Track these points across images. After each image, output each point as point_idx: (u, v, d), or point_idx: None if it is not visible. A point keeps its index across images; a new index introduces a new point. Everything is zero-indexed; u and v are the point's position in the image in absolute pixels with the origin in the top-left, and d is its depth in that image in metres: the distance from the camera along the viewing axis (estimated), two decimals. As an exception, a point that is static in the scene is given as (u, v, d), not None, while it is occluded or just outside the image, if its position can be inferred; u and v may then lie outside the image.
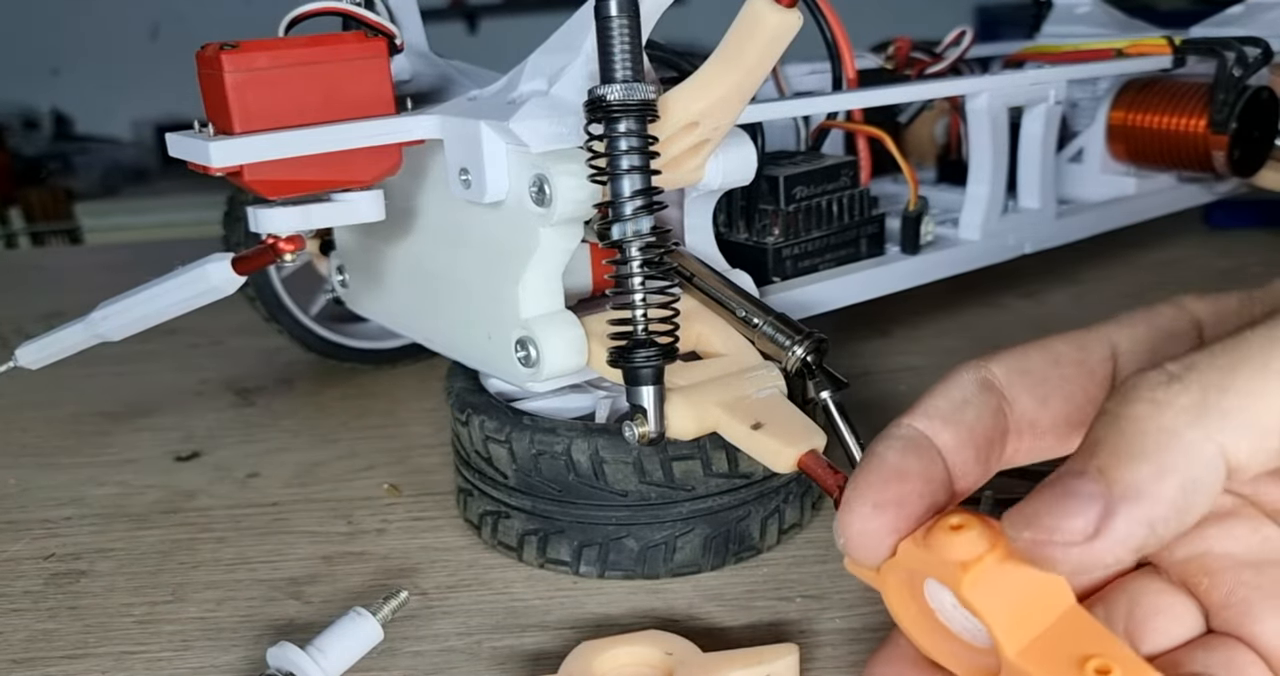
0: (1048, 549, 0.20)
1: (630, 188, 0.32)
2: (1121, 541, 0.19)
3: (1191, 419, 0.20)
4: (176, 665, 0.34)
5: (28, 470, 0.49)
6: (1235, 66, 0.56)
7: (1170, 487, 0.20)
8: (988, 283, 0.60)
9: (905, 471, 0.23)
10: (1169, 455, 0.20)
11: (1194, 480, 0.20)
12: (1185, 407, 0.20)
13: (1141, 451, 0.20)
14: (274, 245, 0.38)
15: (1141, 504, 0.19)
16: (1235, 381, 0.20)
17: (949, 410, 0.24)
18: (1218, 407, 0.20)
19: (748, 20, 0.32)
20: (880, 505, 0.23)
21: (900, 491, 0.23)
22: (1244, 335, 0.20)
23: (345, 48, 0.36)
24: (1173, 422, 0.20)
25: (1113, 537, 0.19)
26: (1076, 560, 0.20)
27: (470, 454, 0.39)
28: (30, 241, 2.28)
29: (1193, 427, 0.20)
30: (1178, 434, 0.20)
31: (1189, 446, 0.20)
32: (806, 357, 0.36)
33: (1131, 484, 0.20)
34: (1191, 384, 0.20)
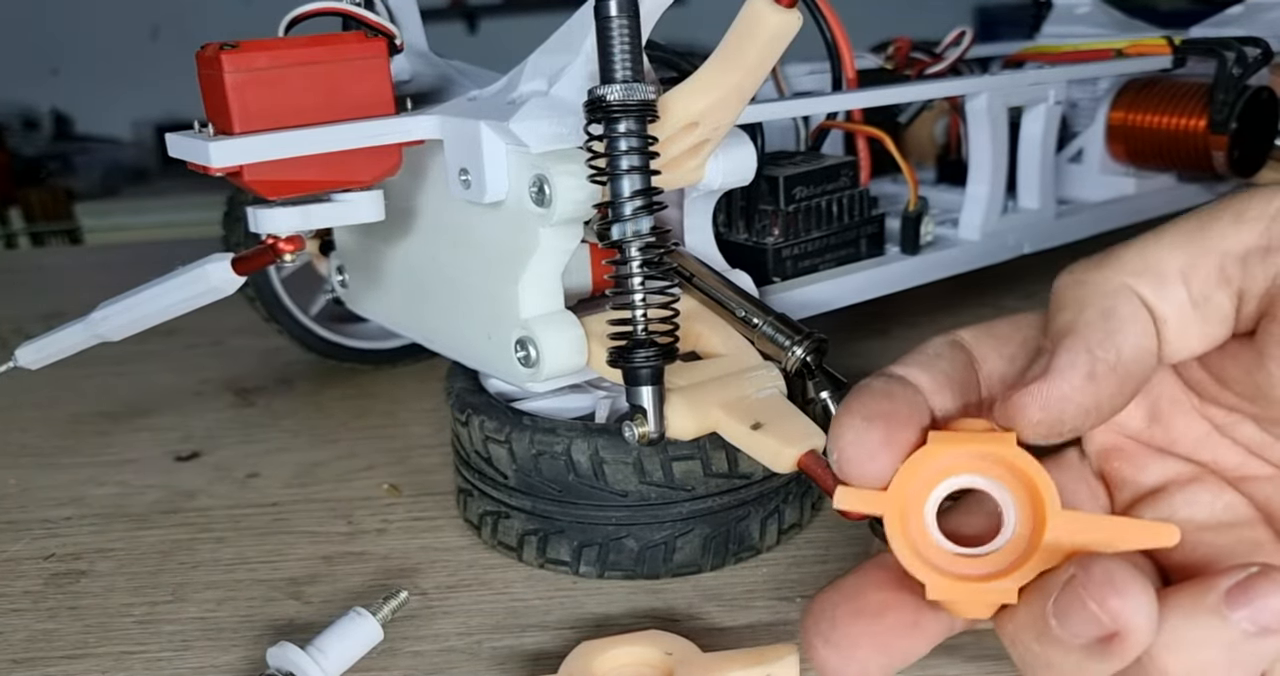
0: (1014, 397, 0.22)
1: (630, 188, 0.32)
2: (1066, 370, 0.22)
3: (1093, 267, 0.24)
4: (176, 665, 0.34)
5: (28, 470, 0.49)
6: (1235, 66, 0.56)
7: (1091, 315, 0.23)
8: (988, 283, 0.60)
9: (891, 393, 0.24)
10: (1081, 297, 0.23)
11: (1109, 308, 0.23)
12: (1088, 265, 0.24)
13: (1062, 303, 0.24)
14: (274, 245, 0.38)
15: (1073, 337, 0.23)
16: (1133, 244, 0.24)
17: (924, 361, 0.26)
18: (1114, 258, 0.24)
19: (748, 20, 0.32)
20: (870, 417, 0.24)
21: (889, 407, 0.24)
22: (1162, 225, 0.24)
23: (345, 48, 0.36)
24: (1080, 275, 0.24)
25: (1058, 369, 0.22)
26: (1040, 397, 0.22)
27: (470, 454, 0.39)
28: (30, 241, 2.28)
29: (1092, 272, 0.24)
30: (1083, 281, 0.24)
31: (1094, 284, 0.23)
32: (806, 358, 0.36)
33: (1060, 325, 0.23)
34: (1095, 254, 0.24)
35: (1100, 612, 0.20)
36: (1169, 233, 0.24)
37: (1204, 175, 0.61)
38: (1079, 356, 0.22)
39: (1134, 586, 0.20)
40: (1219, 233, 0.23)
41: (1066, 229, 0.57)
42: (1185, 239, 0.23)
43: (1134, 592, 0.20)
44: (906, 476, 0.23)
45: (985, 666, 0.32)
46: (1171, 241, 0.24)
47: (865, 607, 0.23)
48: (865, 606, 0.23)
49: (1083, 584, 0.21)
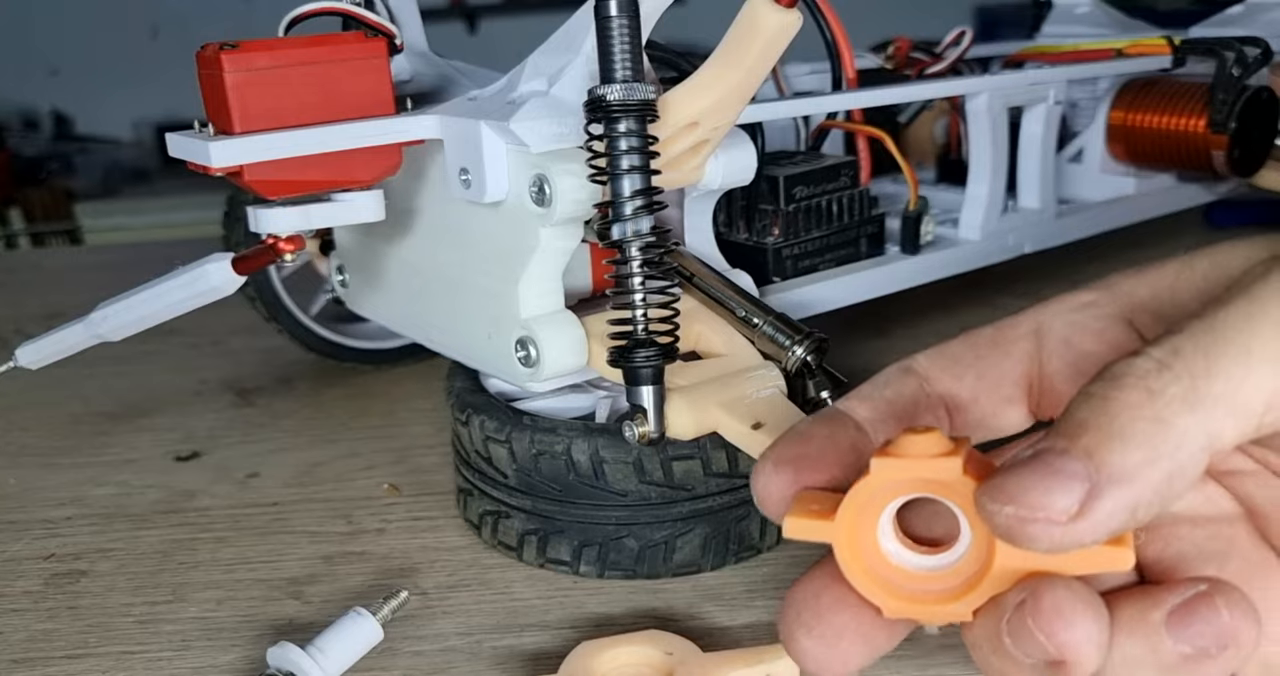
0: (1030, 526, 0.20)
1: (630, 188, 0.32)
2: (1103, 523, 0.20)
3: (1182, 408, 0.20)
4: (176, 665, 0.34)
5: (28, 470, 0.49)
6: (1235, 66, 0.56)
7: (1158, 473, 0.20)
8: (988, 283, 0.60)
9: (808, 436, 0.25)
10: (1161, 442, 0.20)
11: (1180, 467, 0.20)
12: (1176, 397, 0.20)
13: (1134, 437, 0.20)
14: (274, 245, 0.38)
15: (1129, 487, 0.20)
16: (1219, 366, 0.20)
17: (868, 391, 0.26)
18: (1207, 395, 0.20)
19: (747, 20, 0.32)
20: (779, 463, 0.24)
21: (799, 451, 0.24)
22: (1219, 316, 0.21)
23: (345, 48, 0.36)
24: (1165, 411, 0.20)
25: (1094, 519, 0.19)
26: (1057, 539, 0.20)
27: (470, 454, 0.39)
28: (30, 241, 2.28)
29: (1183, 416, 0.20)
30: (1170, 423, 0.20)
31: (1180, 435, 0.20)
32: (806, 357, 0.36)
33: (1121, 468, 0.20)
34: (1181, 373, 0.20)
35: (1047, 643, 0.20)
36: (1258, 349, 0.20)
37: (1204, 175, 0.61)
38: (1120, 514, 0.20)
39: (1081, 617, 0.20)
40: None
41: (1066, 229, 0.57)
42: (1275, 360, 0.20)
43: (1081, 624, 0.20)
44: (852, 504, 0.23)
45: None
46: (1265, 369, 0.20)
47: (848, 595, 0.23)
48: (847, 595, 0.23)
49: (1031, 612, 0.21)
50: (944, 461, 0.21)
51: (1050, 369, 0.26)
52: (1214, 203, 0.70)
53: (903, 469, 0.22)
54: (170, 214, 1.91)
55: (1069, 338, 0.26)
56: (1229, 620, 0.20)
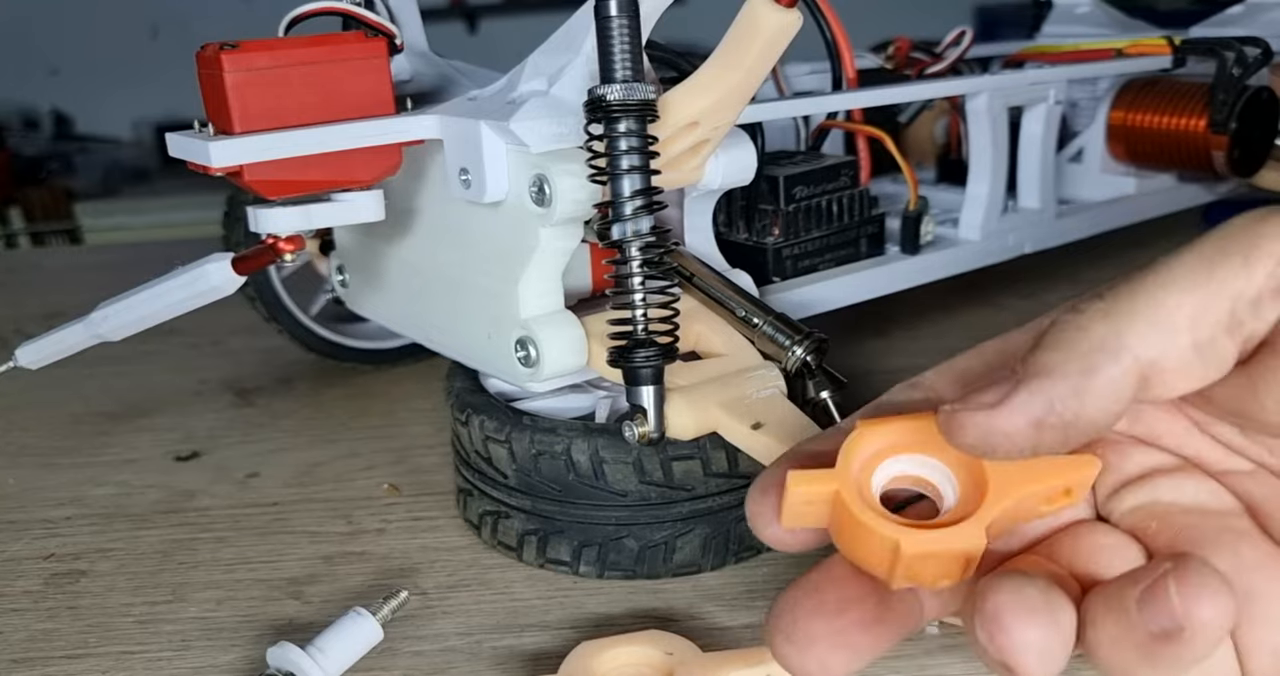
0: (959, 414, 0.22)
1: (630, 188, 0.32)
2: (1020, 410, 0.22)
3: (1100, 318, 0.22)
4: (176, 665, 0.34)
5: (28, 470, 0.49)
6: (1235, 66, 0.56)
7: (1072, 369, 0.22)
8: (988, 283, 0.60)
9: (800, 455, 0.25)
10: (1076, 344, 0.22)
11: (1095, 366, 0.22)
12: (1098, 310, 0.22)
13: (1054, 342, 0.22)
14: (274, 245, 0.38)
15: (1044, 380, 0.22)
16: (1139, 286, 0.22)
17: (871, 409, 0.27)
18: (1127, 309, 0.22)
19: (747, 20, 0.32)
20: (766, 489, 0.25)
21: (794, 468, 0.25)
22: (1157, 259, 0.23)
23: (345, 48, 0.36)
24: (1085, 321, 0.22)
25: (1013, 406, 0.22)
26: (981, 426, 0.22)
27: (470, 454, 0.39)
28: (30, 241, 2.28)
29: (1099, 323, 0.22)
30: (1086, 328, 0.22)
31: (1095, 338, 0.22)
32: (806, 357, 0.36)
33: (1039, 365, 0.22)
34: (1105, 294, 0.23)
35: (990, 647, 0.21)
36: (1178, 273, 0.22)
37: (1204, 175, 0.61)
38: (1035, 402, 0.22)
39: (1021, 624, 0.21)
40: (1230, 274, 0.22)
41: (1066, 229, 0.57)
42: (1195, 282, 0.22)
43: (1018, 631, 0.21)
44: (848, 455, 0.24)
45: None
46: (1181, 286, 0.22)
47: (825, 604, 0.24)
48: (825, 603, 0.24)
49: (980, 614, 0.22)
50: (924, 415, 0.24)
51: None
52: (1214, 203, 0.70)
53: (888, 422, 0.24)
54: (170, 214, 1.91)
55: None
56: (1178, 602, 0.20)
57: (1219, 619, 0.20)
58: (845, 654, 0.23)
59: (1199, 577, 0.20)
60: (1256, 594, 0.23)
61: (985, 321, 0.60)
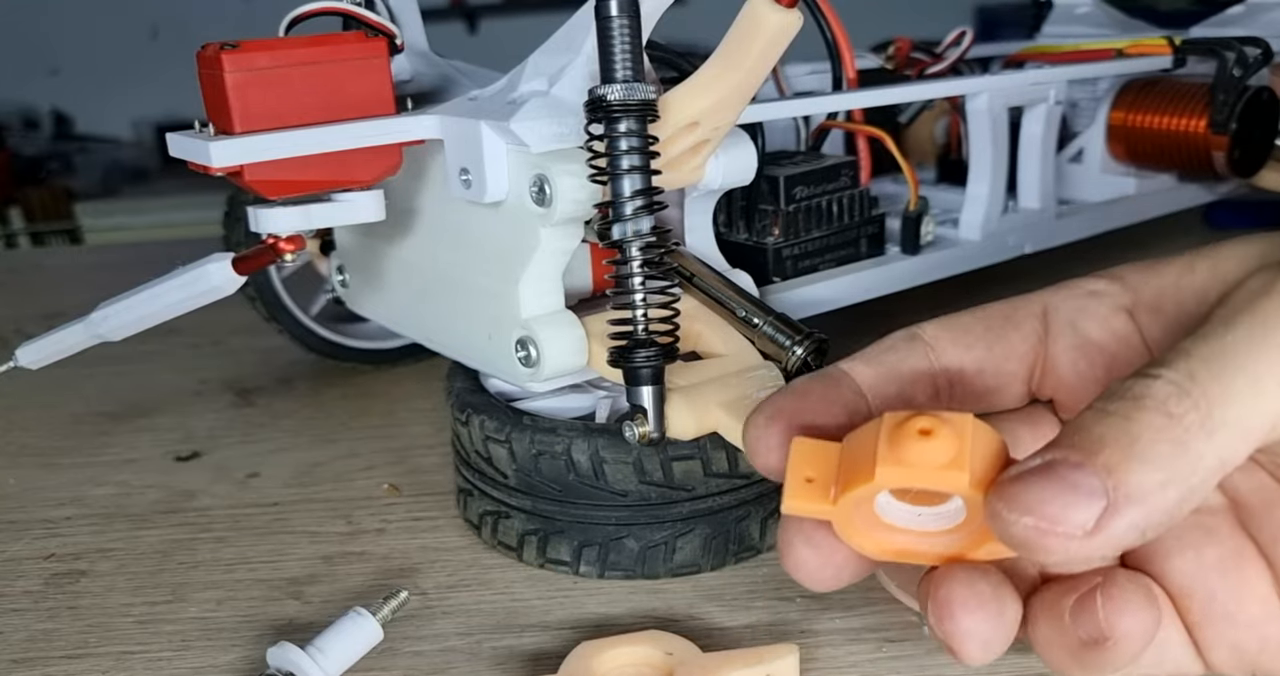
0: (1047, 539, 0.20)
1: (630, 188, 0.32)
2: (1115, 540, 0.20)
3: (1200, 433, 0.21)
4: (176, 665, 0.34)
5: (28, 470, 0.49)
6: (1235, 67, 0.56)
7: (1174, 494, 0.20)
8: (988, 282, 0.60)
9: (806, 392, 0.25)
10: (1179, 465, 0.20)
11: (1193, 489, 0.21)
12: (1195, 423, 0.21)
13: (1155, 459, 0.20)
14: (274, 245, 0.38)
15: (1143, 507, 0.20)
16: (1233, 392, 0.21)
17: (872, 355, 0.26)
18: (1222, 421, 0.21)
19: (748, 20, 0.32)
20: (773, 416, 0.25)
21: (796, 406, 0.25)
22: (1227, 340, 0.22)
23: (345, 48, 0.36)
24: (1184, 435, 0.20)
25: (1107, 535, 0.20)
26: (1072, 552, 0.20)
27: (470, 454, 0.39)
28: (30, 241, 2.28)
29: (1200, 441, 0.20)
30: (1188, 446, 0.20)
31: (1196, 458, 0.20)
32: (807, 357, 0.36)
33: (1139, 487, 0.20)
34: (1199, 399, 0.21)
35: (938, 629, 0.23)
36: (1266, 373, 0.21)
37: (1204, 175, 0.61)
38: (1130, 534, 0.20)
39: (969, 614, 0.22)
40: None
41: (1067, 229, 0.57)
42: None
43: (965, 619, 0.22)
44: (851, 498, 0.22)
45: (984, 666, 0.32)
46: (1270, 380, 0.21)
47: None
48: None
49: (933, 600, 0.23)
50: (951, 475, 0.21)
51: (1054, 349, 0.27)
52: (1214, 203, 0.70)
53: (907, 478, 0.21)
54: (170, 214, 1.91)
55: (1075, 321, 0.26)
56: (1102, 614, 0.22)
57: (1141, 631, 0.22)
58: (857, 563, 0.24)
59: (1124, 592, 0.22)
60: (1214, 592, 0.24)
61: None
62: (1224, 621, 0.24)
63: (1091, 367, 0.26)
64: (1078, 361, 0.26)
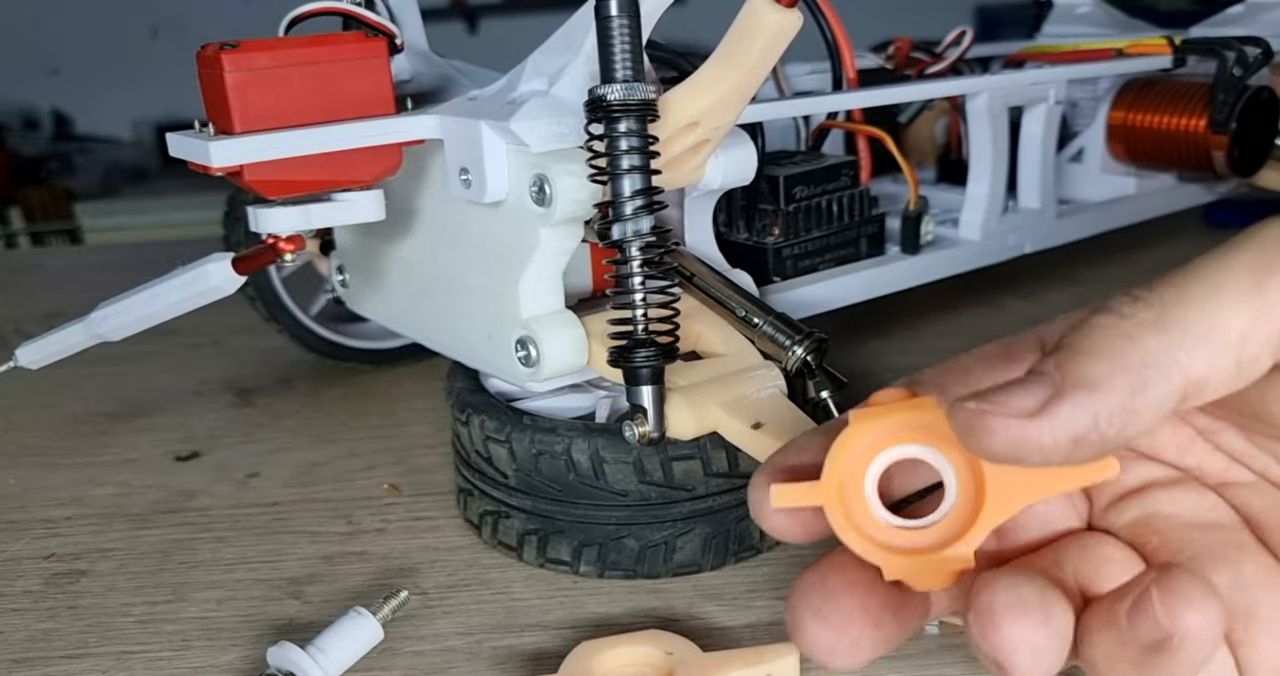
0: (988, 418, 0.20)
1: (630, 187, 0.32)
2: (1062, 424, 0.20)
3: (1150, 328, 0.21)
4: (176, 665, 0.34)
5: (28, 470, 0.49)
6: (1235, 66, 0.56)
7: (1122, 384, 0.20)
8: (988, 283, 0.60)
9: (806, 446, 0.25)
10: (1126, 356, 0.20)
11: (1145, 382, 0.20)
12: (1146, 319, 0.21)
13: (1099, 350, 0.20)
14: (274, 245, 0.38)
15: (1091, 393, 0.20)
16: (1190, 295, 0.21)
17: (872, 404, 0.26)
18: (1177, 320, 0.21)
19: (748, 20, 0.32)
20: (774, 474, 0.24)
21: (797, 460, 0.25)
22: (1194, 262, 0.22)
23: (345, 48, 0.36)
24: (1134, 330, 0.21)
25: (1055, 419, 0.20)
26: (1015, 435, 0.20)
27: (470, 454, 0.39)
28: (30, 241, 2.28)
29: (1152, 334, 0.21)
30: (1137, 338, 0.20)
31: (1146, 350, 0.20)
32: (807, 357, 0.36)
33: (1084, 375, 0.20)
34: (1153, 302, 0.21)
35: (983, 642, 0.21)
36: (1227, 284, 0.21)
37: (1204, 175, 0.61)
38: (1079, 416, 0.20)
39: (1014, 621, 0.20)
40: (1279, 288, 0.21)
41: (1067, 229, 0.57)
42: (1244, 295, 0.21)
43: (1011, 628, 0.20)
44: (837, 460, 0.23)
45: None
46: (1232, 300, 0.21)
47: (859, 579, 0.23)
48: (858, 578, 0.23)
49: (974, 609, 0.21)
50: (920, 402, 0.22)
51: None
52: (1214, 202, 0.70)
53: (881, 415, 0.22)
54: (170, 214, 1.91)
55: None
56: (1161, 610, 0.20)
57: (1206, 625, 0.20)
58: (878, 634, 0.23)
59: (1181, 586, 0.20)
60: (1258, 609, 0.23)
61: (985, 321, 0.60)
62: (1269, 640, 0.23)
63: None
64: None
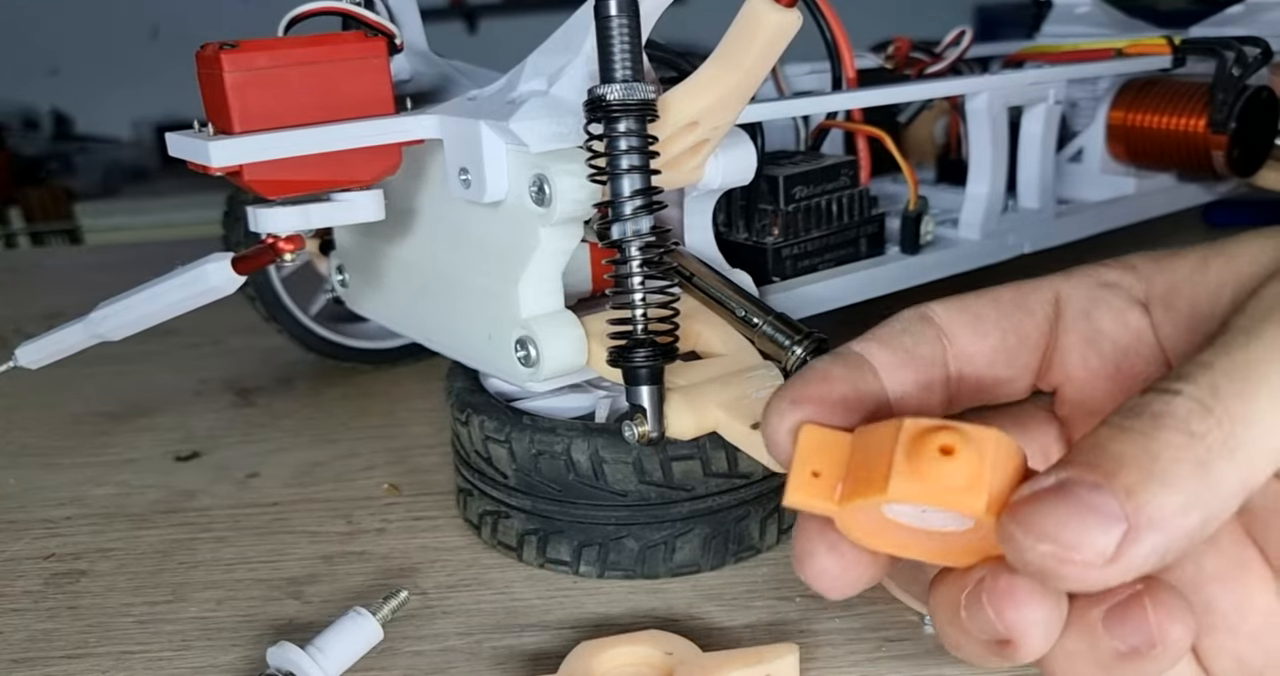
0: (1065, 567, 0.19)
1: (630, 187, 0.32)
2: (1135, 566, 0.19)
3: (1223, 453, 0.19)
4: (176, 665, 0.34)
5: (28, 470, 0.49)
6: (1235, 66, 0.56)
7: (1195, 518, 0.19)
8: (987, 283, 0.60)
9: (829, 375, 0.24)
10: (1201, 488, 0.19)
11: (1215, 513, 0.20)
12: (1217, 442, 0.20)
13: (1176, 481, 0.19)
14: (274, 245, 0.38)
15: (1165, 531, 0.19)
16: (1256, 411, 0.20)
17: (886, 336, 0.25)
18: (1246, 441, 0.20)
19: (747, 20, 0.32)
20: (798, 401, 0.23)
21: (821, 390, 0.23)
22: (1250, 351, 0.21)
23: (345, 47, 0.36)
24: (1206, 456, 0.19)
25: (1128, 562, 0.19)
26: (1091, 580, 0.19)
27: (470, 454, 0.39)
28: (30, 241, 2.28)
29: (1223, 461, 0.19)
30: (1211, 467, 0.19)
31: (1219, 480, 0.19)
32: (807, 357, 0.36)
33: (1159, 511, 0.19)
34: (1222, 417, 0.20)
35: (996, 621, 0.21)
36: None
37: (1204, 175, 0.61)
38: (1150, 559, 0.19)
39: (1033, 602, 0.21)
40: None
41: (1066, 229, 0.57)
42: None
43: (1030, 607, 0.21)
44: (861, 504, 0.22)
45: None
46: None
47: None
48: None
49: (987, 590, 0.21)
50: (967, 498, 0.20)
51: (1065, 340, 0.26)
52: (1213, 202, 0.70)
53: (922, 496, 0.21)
54: (170, 214, 1.91)
55: (1089, 312, 0.26)
56: (1154, 621, 0.20)
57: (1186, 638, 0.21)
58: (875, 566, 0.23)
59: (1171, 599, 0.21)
60: (1215, 603, 0.23)
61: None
62: (1226, 633, 0.23)
63: (1101, 362, 0.26)
64: (1088, 354, 0.26)
